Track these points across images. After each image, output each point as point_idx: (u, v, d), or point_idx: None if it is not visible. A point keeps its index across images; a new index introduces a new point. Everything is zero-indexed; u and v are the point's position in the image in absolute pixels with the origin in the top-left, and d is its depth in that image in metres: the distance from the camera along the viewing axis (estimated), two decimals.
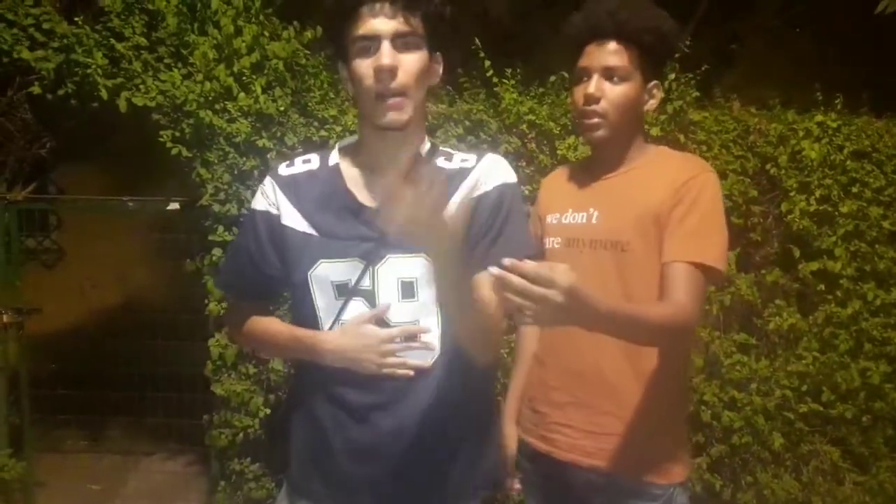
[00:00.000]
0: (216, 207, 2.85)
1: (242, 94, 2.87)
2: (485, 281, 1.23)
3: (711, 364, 3.04)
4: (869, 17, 3.30)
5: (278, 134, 2.91)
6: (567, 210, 1.59)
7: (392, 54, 1.20)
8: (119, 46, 2.85)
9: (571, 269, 1.06)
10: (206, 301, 2.90)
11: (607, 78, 1.49)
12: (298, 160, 1.38)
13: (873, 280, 3.15)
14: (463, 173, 1.32)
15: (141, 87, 2.85)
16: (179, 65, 2.91)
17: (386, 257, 1.27)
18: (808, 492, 3.14)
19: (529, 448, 1.64)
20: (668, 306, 1.37)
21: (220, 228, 2.87)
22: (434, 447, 1.29)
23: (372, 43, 1.21)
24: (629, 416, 1.48)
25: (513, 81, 3.05)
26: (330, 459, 1.31)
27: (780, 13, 3.89)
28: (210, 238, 2.87)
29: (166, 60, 2.92)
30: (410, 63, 1.22)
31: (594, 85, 1.49)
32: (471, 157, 1.36)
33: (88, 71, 2.80)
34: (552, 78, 3.12)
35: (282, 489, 1.44)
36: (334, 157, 1.36)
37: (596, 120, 1.51)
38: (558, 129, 3.00)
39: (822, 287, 3.13)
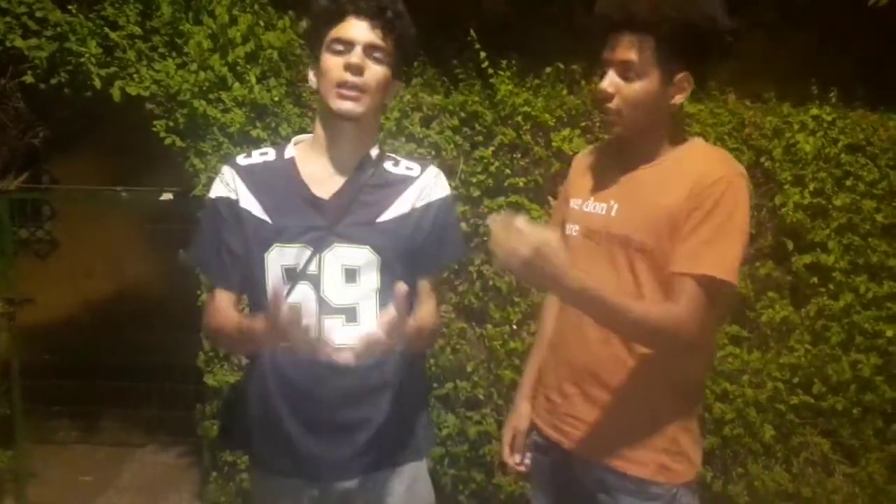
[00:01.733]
0: None
1: (237, 84, 2.86)
2: (427, 285, 1.49)
3: None
4: (864, 10, 3.31)
5: (273, 124, 2.90)
6: (589, 198, 1.57)
7: (362, 57, 1.38)
8: (113, 35, 2.83)
9: (587, 259, 1.25)
10: (198, 292, 2.90)
11: (622, 73, 1.42)
12: (255, 152, 1.52)
13: (866, 273, 3.16)
14: (407, 180, 1.50)
15: (135, 76, 2.84)
16: (174, 54, 2.90)
17: (332, 245, 1.41)
18: (798, 483, 3.16)
19: (542, 436, 1.64)
20: (661, 309, 1.36)
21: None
22: (374, 418, 1.46)
23: (346, 47, 1.39)
24: (633, 413, 1.48)
25: (508, 73, 3.04)
26: (282, 432, 1.44)
27: (776, 6, 3.89)
28: None
29: (160, 50, 2.90)
30: (375, 70, 1.40)
31: (608, 81, 1.44)
32: (415, 167, 1.53)
33: (82, 60, 2.78)
34: (548, 69, 3.11)
35: (250, 475, 1.59)
36: (290, 151, 1.50)
37: (611, 117, 1.46)
38: (553, 120, 3.00)
39: (815, 280, 3.14)
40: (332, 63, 1.39)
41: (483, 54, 2.99)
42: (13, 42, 2.77)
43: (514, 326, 3.03)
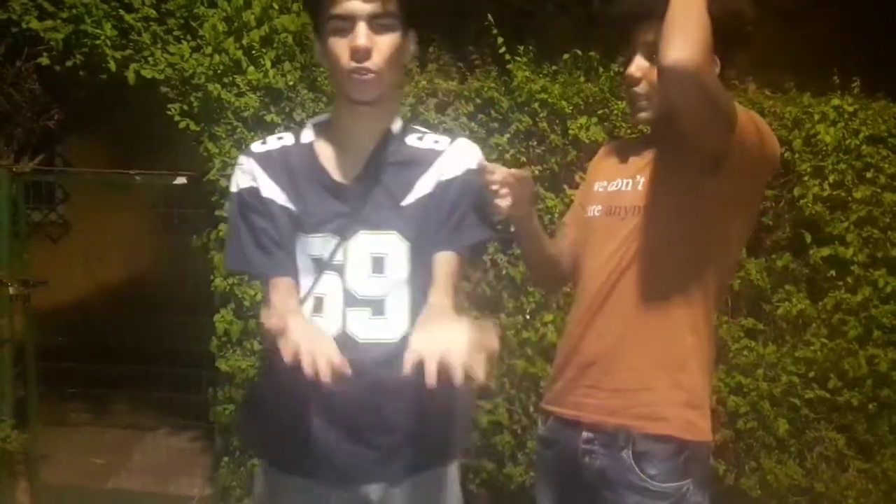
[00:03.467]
0: (223, 182, 2.83)
1: (251, 68, 2.84)
2: (444, 260, 1.33)
3: (718, 349, 3.00)
4: None
5: (287, 109, 2.89)
6: (615, 178, 1.57)
7: (367, 35, 1.24)
8: (128, 18, 2.82)
9: (606, 235, 1.36)
10: (212, 276, 2.89)
11: (649, 56, 1.42)
12: (272, 138, 1.41)
13: (885, 267, 3.12)
14: (433, 154, 1.38)
15: (150, 59, 2.83)
16: (188, 37, 2.89)
17: (358, 232, 1.33)
18: (811, 478, 3.14)
19: (556, 421, 1.61)
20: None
21: (227, 203, 2.85)
22: (410, 416, 1.36)
23: (347, 23, 1.25)
24: (656, 371, 1.47)
25: (525, 59, 3.01)
26: (315, 435, 1.35)
27: None
28: (217, 213, 2.86)
29: (175, 33, 2.89)
30: (384, 44, 1.26)
31: (634, 65, 1.45)
32: (443, 140, 1.41)
33: (97, 42, 2.78)
34: (565, 56, 3.07)
35: (259, 474, 1.49)
36: (308, 135, 1.41)
37: (640, 102, 1.47)
38: (570, 108, 2.97)
39: (833, 273, 3.10)
40: (337, 47, 1.26)
41: (500, 40, 2.96)
42: (29, 24, 2.77)
43: (528, 316, 3.01)
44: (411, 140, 1.40)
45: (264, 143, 1.40)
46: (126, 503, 3.44)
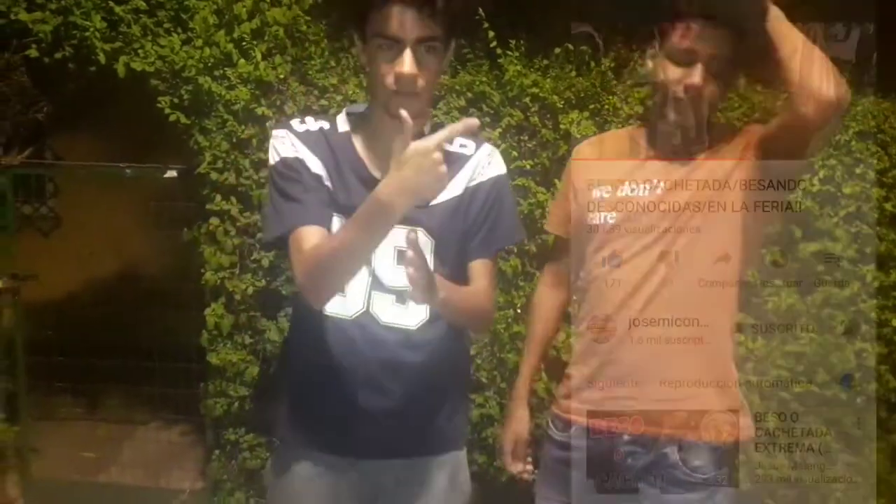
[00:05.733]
0: (214, 175, 2.83)
1: (242, 61, 2.83)
2: (479, 268, 1.41)
3: None
4: None
5: (278, 102, 2.88)
6: (632, 180, 1.51)
7: (412, 63, 1.24)
8: (118, 9, 2.80)
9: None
10: (202, 270, 2.88)
11: (715, 69, 1.39)
12: (309, 118, 1.42)
13: (873, 262, 3.14)
14: (462, 159, 1.41)
15: (140, 51, 2.81)
16: (179, 30, 2.88)
17: None
18: (799, 471, 3.15)
19: (577, 430, 1.57)
20: None
21: (218, 197, 2.84)
22: (422, 403, 1.42)
23: (394, 44, 1.25)
24: (700, 378, 1.51)
25: (517, 53, 3.01)
26: (331, 423, 1.41)
27: None
28: (207, 207, 2.85)
29: (166, 25, 2.88)
30: (428, 67, 1.27)
31: (698, 75, 1.39)
32: (469, 144, 1.44)
33: (86, 34, 2.76)
34: (557, 50, 3.07)
35: (274, 454, 1.53)
36: (343, 124, 1.43)
37: (686, 111, 1.42)
38: (562, 102, 2.96)
39: (822, 268, 3.11)
40: (380, 66, 1.27)
41: (491, 34, 2.96)
42: (17, 15, 2.75)
43: (519, 310, 3.02)
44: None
45: (303, 122, 1.41)
46: (117, 497, 3.43)
